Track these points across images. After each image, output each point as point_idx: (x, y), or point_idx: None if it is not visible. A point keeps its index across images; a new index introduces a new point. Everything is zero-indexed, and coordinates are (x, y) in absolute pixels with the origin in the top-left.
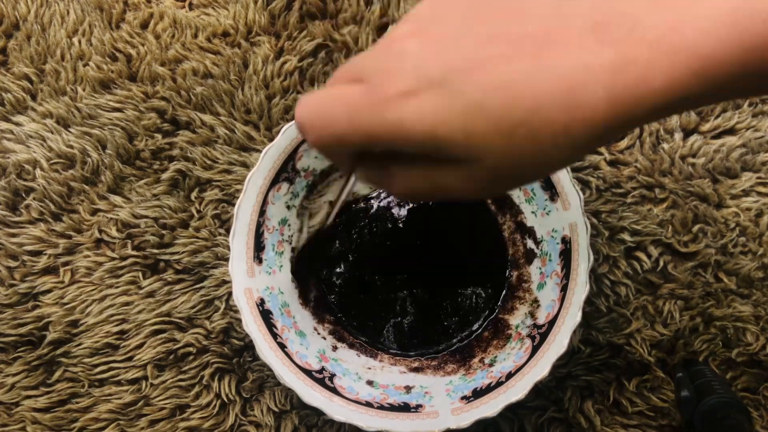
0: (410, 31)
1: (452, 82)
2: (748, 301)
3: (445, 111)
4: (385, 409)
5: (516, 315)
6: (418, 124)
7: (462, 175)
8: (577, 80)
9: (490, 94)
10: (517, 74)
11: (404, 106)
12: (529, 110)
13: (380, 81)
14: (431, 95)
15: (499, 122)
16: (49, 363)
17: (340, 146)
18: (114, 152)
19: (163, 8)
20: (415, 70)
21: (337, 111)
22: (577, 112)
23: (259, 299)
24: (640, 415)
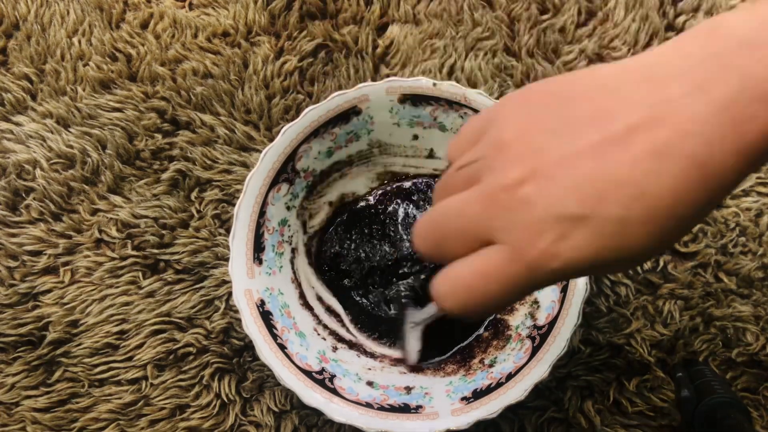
0: (521, 175)
1: (592, 209)
2: (748, 301)
3: (597, 239)
4: (385, 409)
5: (516, 316)
6: (581, 260)
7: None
8: (703, 155)
9: (631, 205)
10: (647, 175)
11: (560, 252)
12: (671, 204)
13: (521, 239)
14: (579, 230)
15: (647, 226)
16: (49, 363)
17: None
18: (114, 152)
19: (163, 8)
20: (552, 215)
21: (492, 287)
22: (712, 183)
23: (259, 300)
24: (640, 415)
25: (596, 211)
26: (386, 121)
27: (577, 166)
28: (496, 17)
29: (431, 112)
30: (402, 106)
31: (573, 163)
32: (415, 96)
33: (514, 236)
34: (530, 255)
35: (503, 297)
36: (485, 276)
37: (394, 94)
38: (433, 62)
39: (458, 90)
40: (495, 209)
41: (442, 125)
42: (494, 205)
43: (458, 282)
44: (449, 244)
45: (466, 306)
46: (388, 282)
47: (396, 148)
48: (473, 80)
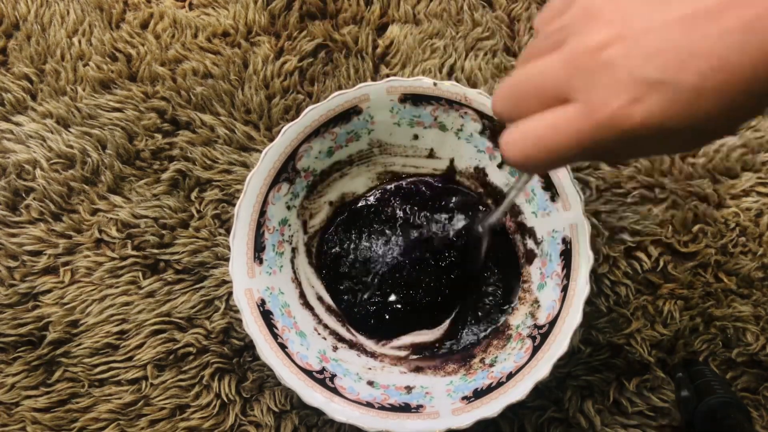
0: (607, 38)
1: (671, 76)
2: (748, 301)
3: (671, 105)
4: (385, 409)
5: (517, 315)
6: (650, 125)
7: (679, 142)
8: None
9: (708, 76)
10: (731, 47)
11: (633, 113)
12: (750, 76)
13: (597, 95)
14: (655, 95)
15: (722, 98)
16: (49, 363)
17: (560, 164)
18: (114, 152)
19: (163, 8)
20: (631, 78)
21: (560, 141)
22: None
23: (260, 300)
24: (640, 415)
25: (674, 78)
26: (387, 120)
27: (664, 34)
28: (496, 17)
29: (432, 112)
30: (402, 105)
31: (660, 31)
32: (415, 96)
33: (591, 95)
34: (603, 113)
35: (568, 151)
36: (555, 128)
37: (395, 93)
38: (433, 62)
39: (459, 90)
40: (576, 69)
41: (443, 125)
42: (576, 66)
43: (528, 132)
44: (527, 103)
45: (530, 156)
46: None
47: (396, 148)
48: (473, 80)
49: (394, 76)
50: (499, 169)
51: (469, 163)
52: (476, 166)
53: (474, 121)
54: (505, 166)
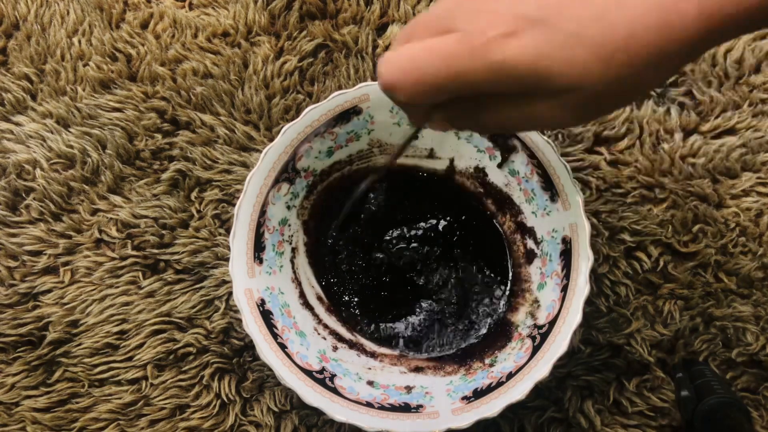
0: None
1: (549, 17)
2: (748, 301)
3: (546, 46)
4: (385, 409)
5: (517, 315)
6: (522, 62)
7: (558, 105)
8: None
9: (587, 24)
10: (611, 2)
11: (505, 46)
12: (625, 36)
13: (476, 26)
14: (531, 33)
15: (598, 50)
16: (49, 363)
17: (434, 97)
18: (114, 152)
19: (163, 8)
20: (512, 12)
21: (433, 62)
22: (671, 32)
23: (260, 299)
24: (640, 415)
25: (552, 19)
26: (386, 120)
27: None
28: None
29: None
30: None
31: None
32: None
33: (472, 24)
34: (477, 40)
35: (438, 74)
36: (430, 50)
37: None
38: None
39: None
40: (464, 3)
41: None
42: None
43: (405, 53)
44: (416, 31)
45: (404, 76)
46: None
47: (397, 148)
48: None
49: None
50: (499, 169)
51: (469, 163)
52: (476, 166)
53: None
54: (504, 165)
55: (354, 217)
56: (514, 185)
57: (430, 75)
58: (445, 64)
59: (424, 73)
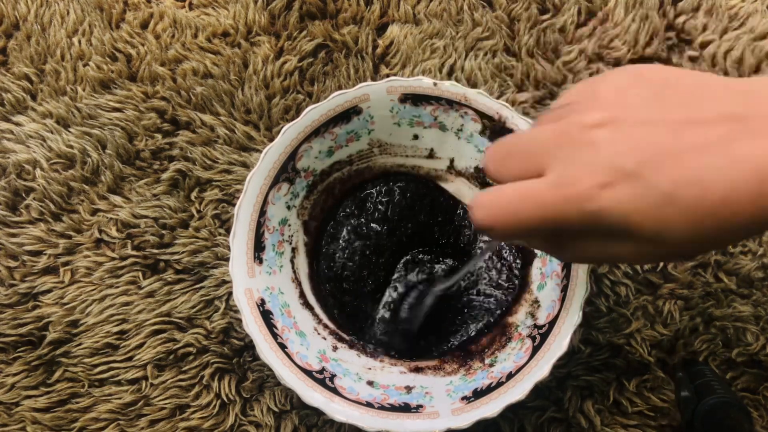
0: (601, 119)
1: (646, 174)
2: (748, 301)
3: (639, 201)
4: (385, 409)
5: (517, 315)
6: (615, 213)
7: (639, 249)
8: (765, 171)
9: (682, 187)
10: (708, 167)
11: (600, 196)
12: (718, 203)
13: (571, 173)
14: (626, 186)
15: (689, 213)
16: (49, 363)
17: (527, 236)
18: (114, 152)
19: (163, 8)
20: (610, 163)
21: (527, 209)
22: (764, 203)
23: (260, 299)
24: (640, 415)
25: (648, 176)
26: (387, 120)
27: (654, 132)
28: (496, 17)
29: (432, 112)
30: (402, 105)
31: (651, 129)
32: (415, 95)
33: (567, 169)
34: (572, 189)
35: (531, 222)
36: (524, 196)
37: (395, 93)
38: (433, 62)
39: (459, 90)
40: (563, 141)
41: (443, 125)
42: (564, 138)
43: (499, 196)
44: (512, 162)
45: (496, 221)
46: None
47: (396, 148)
48: (473, 80)
49: (394, 76)
50: None
51: (469, 163)
52: (476, 167)
53: (474, 121)
54: None
55: None
56: None
57: (525, 220)
58: (540, 210)
59: (518, 219)
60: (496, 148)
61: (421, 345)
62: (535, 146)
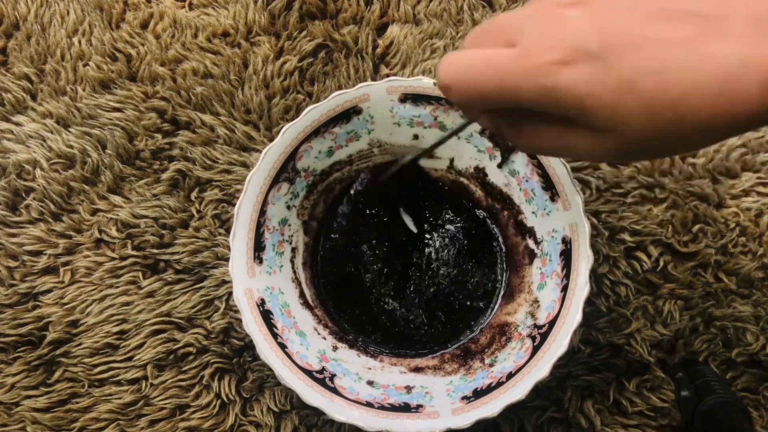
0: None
1: (609, 57)
2: (748, 301)
3: (597, 84)
4: (385, 409)
5: (517, 315)
6: (570, 92)
7: (594, 141)
8: (731, 74)
9: (644, 75)
10: (673, 59)
11: (558, 73)
12: (678, 96)
13: (536, 47)
14: (586, 67)
15: (647, 103)
16: (49, 363)
17: (483, 103)
18: (114, 152)
19: (163, 8)
20: (574, 41)
21: (487, 72)
22: (725, 104)
23: (260, 299)
24: (640, 415)
25: (610, 60)
26: (387, 120)
27: (624, 18)
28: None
29: (432, 112)
30: (402, 105)
31: (623, 14)
32: (415, 95)
33: (532, 42)
34: (533, 61)
35: (491, 87)
36: (488, 61)
37: (395, 93)
38: (433, 62)
39: None
40: (535, 18)
41: (443, 125)
42: (537, 14)
43: (465, 57)
44: (487, 38)
45: (459, 80)
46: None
47: (396, 148)
48: None
49: (394, 76)
50: (499, 169)
51: (469, 163)
52: (476, 166)
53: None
54: (504, 166)
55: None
56: (514, 185)
57: (482, 84)
58: (498, 77)
59: (477, 81)
60: (475, 29)
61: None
62: (510, 22)
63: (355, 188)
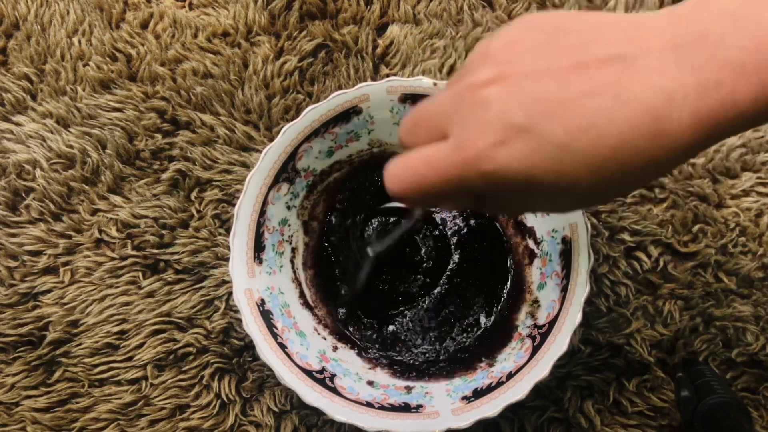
0: (490, 77)
1: (538, 126)
2: (748, 301)
3: (534, 155)
4: (385, 409)
5: (517, 315)
6: (511, 170)
7: (552, 201)
8: (661, 109)
9: (576, 134)
10: (600, 111)
11: (495, 155)
12: (615, 146)
13: (467, 135)
14: (519, 142)
15: (588, 160)
16: (49, 363)
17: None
18: (114, 152)
19: (163, 8)
20: (501, 120)
21: (428, 174)
22: (663, 140)
23: (260, 299)
24: (640, 415)
25: (540, 129)
26: (387, 120)
27: (542, 82)
28: (496, 17)
29: None
30: (402, 105)
31: (539, 79)
32: (415, 95)
33: (463, 132)
34: (468, 151)
35: (437, 186)
36: (427, 162)
37: (395, 93)
38: (433, 62)
39: None
40: (459, 104)
41: None
42: (460, 100)
43: (406, 164)
44: (419, 130)
45: (405, 188)
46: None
47: (396, 148)
48: None
49: (394, 76)
50: None
51: None
52: None
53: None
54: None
55: None
56: None
57: (428, 185)
58: (440, 175)
59: (422, 184)
60: (407, 119)
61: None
62: (437, 111)
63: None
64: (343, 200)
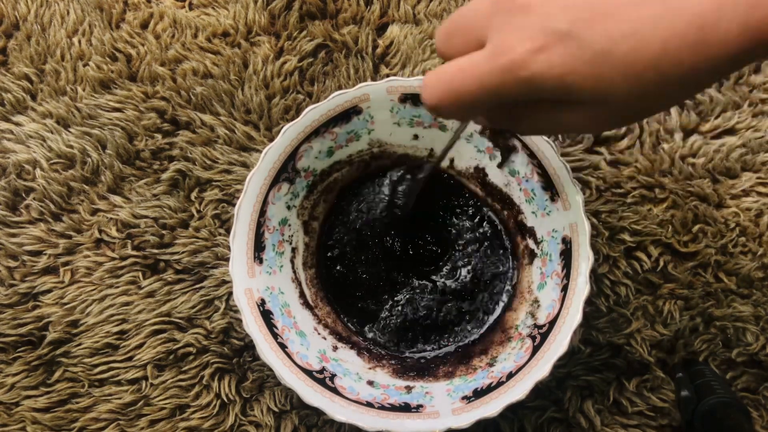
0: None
1: (580, 32)
2: (748, 301)
3: (573, 61)
4: (385, 409)
5: (517, 315)
6: (549, 77)
7: (586, 115)
8: (709, 18)
9: (618, 41)
10: (645, 20)
11: (534, 61)
12: (657, 54)
13: (506, 41)
14: (559, 47)
15: (627, 68)
16: (49, 363)
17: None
18: (114, 152)
19: (163, 8)
20: (542, 26)
21: (466, 82)
22: (706, 51)
23: (260, 299)
24: (640, 415)
25: (582, 34)
26: (387, 120)
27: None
28: None
29: None
30: (402, 105)
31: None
32: (415, 95)
33: (502, 37)
34: (506, 57)
35: (473, 94)
36: (463, 70)
37: (395, 93)
38: (433, 62)
39: None
40: (497, 9)
41: (443, 125)
42: (497, 6)
43: (441, 74)
44: (456, 38)
45: (441, 98)
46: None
47: (396, 148)
48: None
49: (394, 76)
50: (499, 169)
51: (469, 163)
52: (476, 166)
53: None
54: (504, 166)
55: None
56: (514, 185)
57: (465, 94)
58: (478, 83)
59: (459, 93)
60: (441, 28)
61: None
62: (474, 18)
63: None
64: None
